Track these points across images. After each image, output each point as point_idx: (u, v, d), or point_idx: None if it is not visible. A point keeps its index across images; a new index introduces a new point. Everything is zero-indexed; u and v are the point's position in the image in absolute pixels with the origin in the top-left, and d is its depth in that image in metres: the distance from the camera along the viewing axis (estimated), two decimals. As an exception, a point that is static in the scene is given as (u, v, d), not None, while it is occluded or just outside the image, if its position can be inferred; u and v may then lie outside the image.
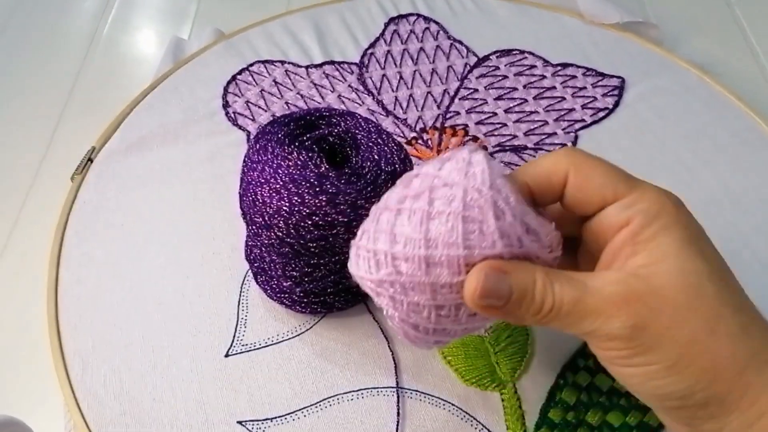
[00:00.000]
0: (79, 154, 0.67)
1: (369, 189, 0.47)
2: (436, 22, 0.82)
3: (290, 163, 0.47)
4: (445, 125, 0.71)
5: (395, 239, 0.36)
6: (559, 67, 0.77)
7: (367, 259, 0.37)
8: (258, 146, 0.49)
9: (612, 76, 0.76)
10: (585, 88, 0.75)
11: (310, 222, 0.46)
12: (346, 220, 0.46)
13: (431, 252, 0.34)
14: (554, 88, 0.75)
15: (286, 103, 0.73)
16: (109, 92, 0.76)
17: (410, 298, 0.36)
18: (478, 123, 0.71)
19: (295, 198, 0.46)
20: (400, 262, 0.35)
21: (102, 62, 0.81)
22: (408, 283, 0.35)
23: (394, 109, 0.73)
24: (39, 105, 0.76)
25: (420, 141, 0.69)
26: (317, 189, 0.46)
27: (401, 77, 0.76)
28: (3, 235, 0.64)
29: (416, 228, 0.35)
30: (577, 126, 0.71)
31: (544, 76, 0.76)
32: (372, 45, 0.79)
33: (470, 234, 0.34)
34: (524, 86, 0.75)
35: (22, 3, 0.88)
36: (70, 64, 0.80)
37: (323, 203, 0.45)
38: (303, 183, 0.46)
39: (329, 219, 0.46)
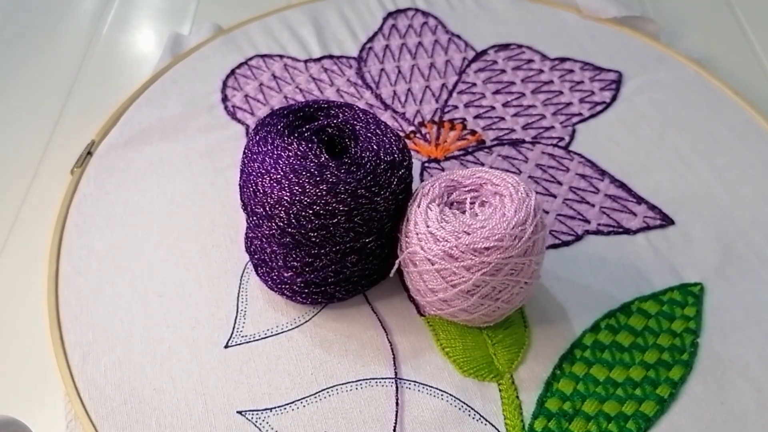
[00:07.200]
0: (79, 148, 0.67)
1: (369, 178, 0.47)
2: (435, 17, 0.83)
3: (290, 154, 0.47)
4: (444, 119, 0.71)
5: None
6: (556, 61, 0.77)
7: None
8: (258, 137, 0.49)
9: (609, 70, 0.76)
10: (582, 82, 0.75)
11: (310, 211, 0.46)
12: (346, 209, 0.46)
13: None
14: (552, 82, 0.75)
15: (285, 97, 0.73)
16: (109, 91, 0.76)
17: None
18: (476, 117, 0.71)
19: (296, 188, 0.46)
20: None
21: (102, 61, 0.81)
22: None
23: (393, 103, 0.73)
24: (39, 102, 0.76)
25: (418, 135, 0.69)
26: (318, 178, 0.46)
27: (399, 71, 0.76)
28: (4, 228, 0.64)
29: None
30: (575, 120, 0.71)
31: (541, 70, 0.76)
32: (370, 39, 0.80)
33: None
34: (522, 80, 0.75)
35: (22, 3, 0.88)
36: (69, 63, 0.81)
37: (324, 192, 0.46)
38: (303, 173, 0.46)
39: (330, 208, 0.46)
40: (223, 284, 0.57)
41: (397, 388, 0.51)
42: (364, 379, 0.52)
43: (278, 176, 0.46)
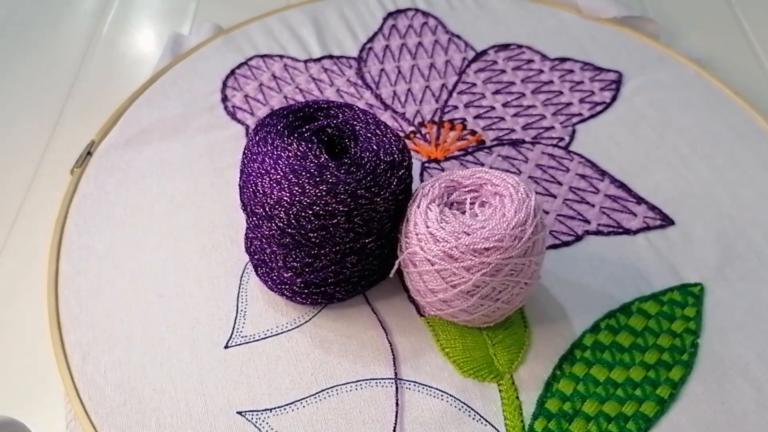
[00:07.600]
0: (79, 148, 0.67)
1: (369, 179, 0.47)
2: (435, 17, 0.83)
3: (290, 154, 0.47)
4: (444, 119, 0.71)
5: None
6: (556, 62, 0.77)
7: None
8: (258, 138, 0.49)
9: (609, 71, 0.76)
10: (582, 82, 0.75)
11: (310, 212, 0.46)
12: (346, 209, 0.46)
13: None
14: (552, 82, 0.75)
15: (285, 97, 0.73)
16: (109, 91, 0.76)
17: None
18: (476, 117, 0.71)
19: (296, 188, 0.46)
20: None
21: (102, 61, 0.81)
22: None
23: (393, 103, 0.73)
24: (39, 102, 0.76)
25: (418, 135, 0.69)
26: (317, 179, 0.46)
27: (399, 72, 0.76)
28: (4, 228, 0.64)
29: None
30: (575, 120, 0.71)
31: (541, 71, 0.76)
32: (370, 40, 0.80)
33: None
34: (522, 80, 0.75)
35: (22, 3, 0.88)
36: (69, 63, 0.81)
37: (323, 193, 0.46)
38: (303, 173, 0.46)
39: (329, 209, 0.46)
40: (223, 284, 0.57)
41: (397, 388, 0.51)
42: (364, 380, 0.52)
43: (278, 177, 0.46)
